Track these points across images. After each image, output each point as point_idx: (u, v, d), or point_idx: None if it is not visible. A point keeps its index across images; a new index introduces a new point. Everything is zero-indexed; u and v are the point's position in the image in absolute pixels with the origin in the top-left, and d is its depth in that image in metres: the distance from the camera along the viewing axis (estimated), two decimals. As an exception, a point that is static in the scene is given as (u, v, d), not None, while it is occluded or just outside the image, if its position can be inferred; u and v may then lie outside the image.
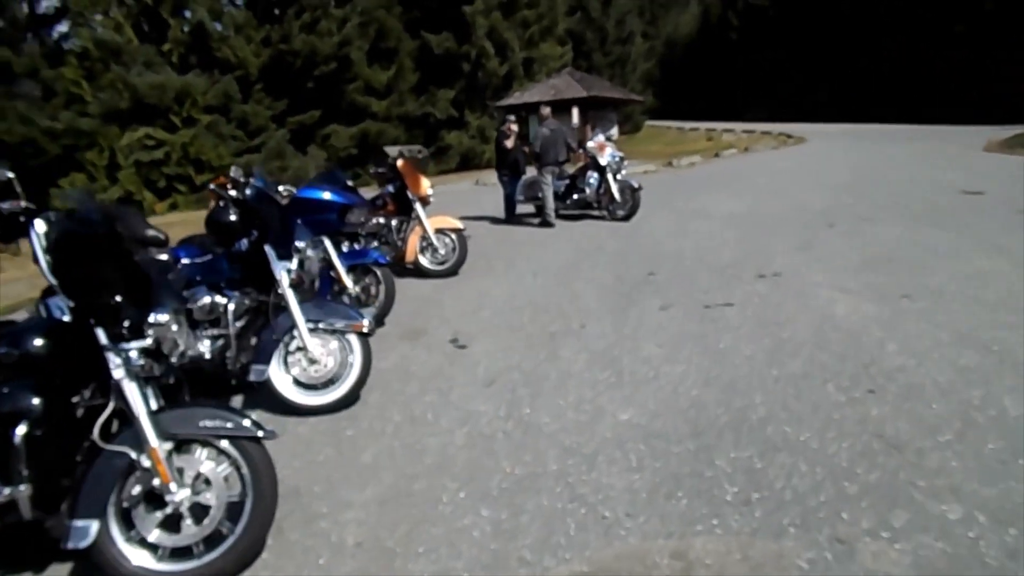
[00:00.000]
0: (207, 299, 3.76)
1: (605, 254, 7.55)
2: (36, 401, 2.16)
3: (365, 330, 3.74)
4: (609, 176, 9.85)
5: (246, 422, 2.34)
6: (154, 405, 2.37)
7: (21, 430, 2.10)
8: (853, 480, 2.64)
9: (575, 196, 10.28)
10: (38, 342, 2.24)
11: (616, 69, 39.65)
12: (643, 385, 3.79)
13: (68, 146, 21.76)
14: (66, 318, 2.32)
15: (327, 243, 5.22)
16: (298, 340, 3.67)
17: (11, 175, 2.20)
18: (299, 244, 3.78)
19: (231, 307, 3.67)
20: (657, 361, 4.13)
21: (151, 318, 2.23)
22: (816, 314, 4.75)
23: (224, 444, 2.32)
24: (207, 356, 3.73)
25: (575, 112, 19.95)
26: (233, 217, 3.70)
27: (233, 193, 3.71)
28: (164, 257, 4.30)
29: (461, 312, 5.66)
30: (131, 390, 2.20)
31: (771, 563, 2.21)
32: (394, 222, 6.93)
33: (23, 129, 21.21)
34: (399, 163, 6.82)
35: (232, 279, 3.81)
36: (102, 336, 2.18)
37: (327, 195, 5.14)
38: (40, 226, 2.17)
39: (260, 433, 2.33)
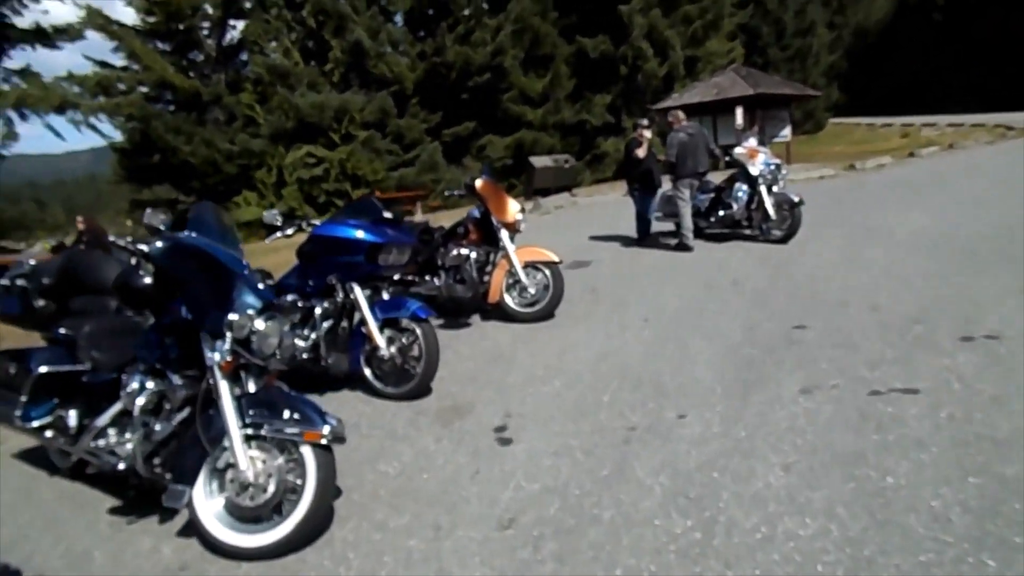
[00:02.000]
0: (135, 384, 2.83)
1: (742, 293, 5.85)
2: None
3: (323, 440, 2.57)
4: (762, 188, 8.03)
5: None
6: None
7: None
8: None
9: (721, 212, 8.53)
10: None
11: (795, 64, 36.64)
12: (739, 561, 2.28)
13: (242, 166, 23.57)
14: None
15: (357, 291, 4.19)
16: (229, 453, 2.61)
17: None
18: (232, 317, 2.65)
19: (139, 402, 2.71)
20: (775, 503, 2.58)
21: None
22: (1065, 426, 2.90)
23: None
24: (121, 466, 2.80)
25: (739, 112, 17.66)
26: (147, 280, 2.70)
27: (143, 247, 2.68)
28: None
29: (528, 378, 4.36)
30: None
31: None
32: (474, 254, 5.77)
33: (205, 152, 23.35)
34: (478, 184, 5.64)
35: (167, 358, 2.83)
36: None
37: (355, 232, 4.11)
38: None
39: None
